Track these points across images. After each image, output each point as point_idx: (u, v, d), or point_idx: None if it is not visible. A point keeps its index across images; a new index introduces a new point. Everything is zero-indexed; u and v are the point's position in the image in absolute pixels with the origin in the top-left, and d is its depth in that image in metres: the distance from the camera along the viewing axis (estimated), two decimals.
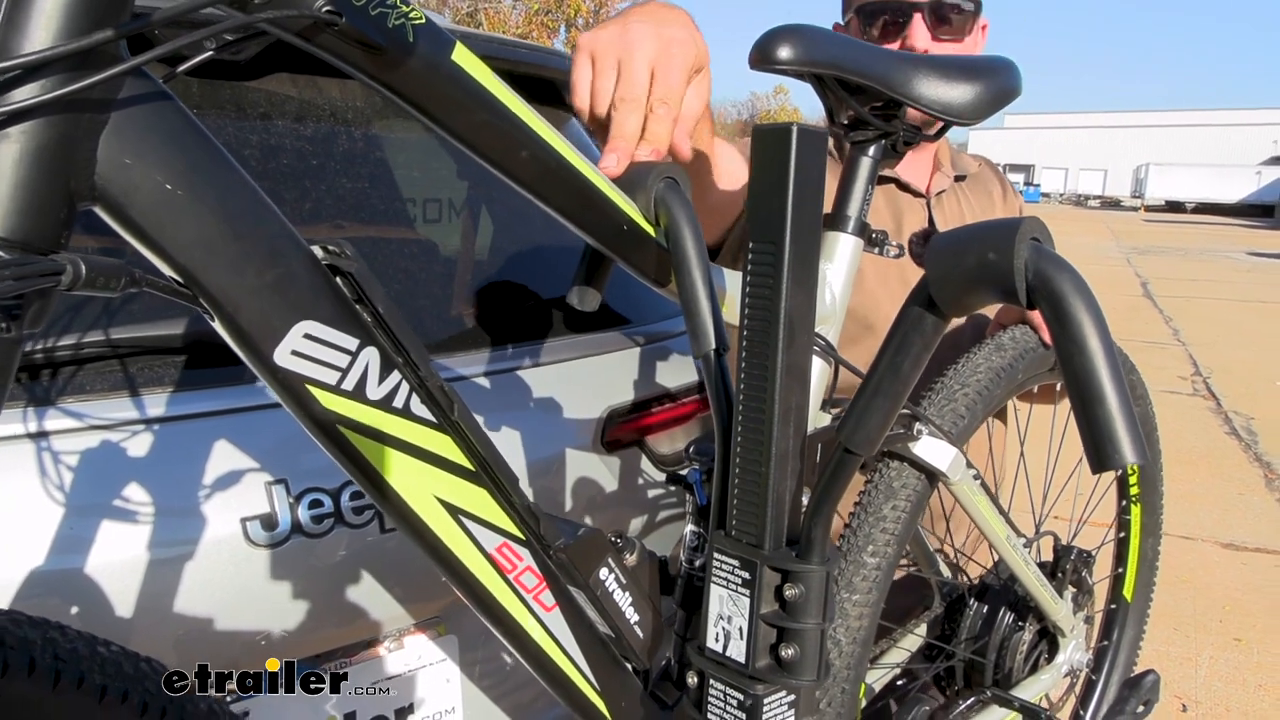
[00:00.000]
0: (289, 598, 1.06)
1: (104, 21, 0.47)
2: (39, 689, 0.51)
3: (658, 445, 1.44)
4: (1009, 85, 0.98)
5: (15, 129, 0.46)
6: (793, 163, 0.62)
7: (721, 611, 0.68)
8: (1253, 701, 2.70)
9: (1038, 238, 0.56)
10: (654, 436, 1.44)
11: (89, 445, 0.99)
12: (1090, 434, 0.51)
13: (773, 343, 0.63)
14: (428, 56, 0.59)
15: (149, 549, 0.97)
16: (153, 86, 0.51)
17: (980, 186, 1.57)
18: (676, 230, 0.73)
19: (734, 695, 0.67)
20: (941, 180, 1.49)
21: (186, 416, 1.05)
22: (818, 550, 0.65)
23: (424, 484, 0.65)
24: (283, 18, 0.53)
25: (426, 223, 1.57)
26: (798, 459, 0.65)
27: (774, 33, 0.87)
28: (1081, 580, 1.23)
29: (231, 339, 0.57)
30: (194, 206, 0.52)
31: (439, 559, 0.68)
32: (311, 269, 0.58)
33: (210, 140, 0.54)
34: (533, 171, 0.67)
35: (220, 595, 1.01)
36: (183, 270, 0.53)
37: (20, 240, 0.46)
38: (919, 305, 0.61)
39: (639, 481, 1.45)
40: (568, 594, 0.75)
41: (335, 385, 0.60)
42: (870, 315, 1.37)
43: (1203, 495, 4.37)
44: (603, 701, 0.79)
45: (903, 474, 0.96)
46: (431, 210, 1.59)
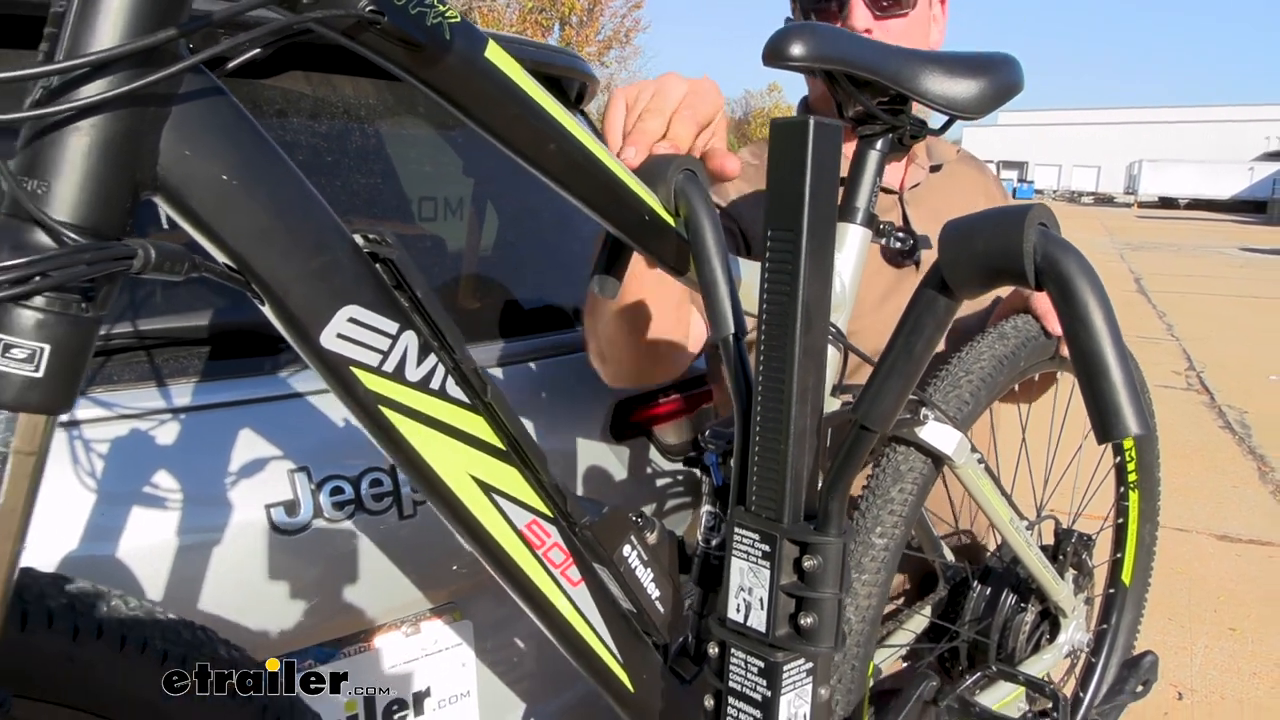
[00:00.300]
0: (310, 582, 1.09)
1: (166, 21, 0.50)
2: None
3: (664, 435, 1.47)
4: (1012, 80, 1.01)
5: (85, 122, 0.49)
6: (810, 155, 0.65)
7: (742, 583, 0.71)
8: (1247, 689, 2.74)
9: (1045, 223, 0.59)
10: (661, 426, 1.47)
11: (119, 434, 1.01)
12: (1095, 406, 0.54)
13: (791, 326, 0.66)
14: (463, 53, 0.62)
15: (178, 534, 1.00)
16: (210, 82, 0.54)
17: (958, 176, 1.51)
18: (696, 220, 0.76)
19: (755, 663, 0.70)
20: (916, 173, 1.44)
21: (212, 406, 1.08)
22: (835, 523, 0.68)
23: (459, 462, 0.68)
24: (330, 17, 0.56)
25: (438, 217, 1.60)
26: (814, 437, 0.68)
27: (787, 31, 0.90)
28: (1082, 563, 1.27)
29: (280, 323, 0.60)
30: (248, 197, 0.55)
31: (472, 534, 0.71)
32: (354, 256, 0.61)
33: (262, 134, 0.57)
34: (560, 164, 0.70)
35: (245, 579, 1.04)
36: (237, 257, 0.56)
37: (90, 227, 0.49)
38: (932, 288, 0.64)
39: (647, 471, 1.48)
40: (592, 570, 0.78)
41: (377, 367, 0.63)
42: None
43: (1197, 488, 4.41)
44: (625, 674, 0.82)
45: (910, 458, 0.99)
46: (443, 205, 1.62)
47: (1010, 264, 0.59)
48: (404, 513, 1.14)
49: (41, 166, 0.48)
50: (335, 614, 1.12)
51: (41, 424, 0.48)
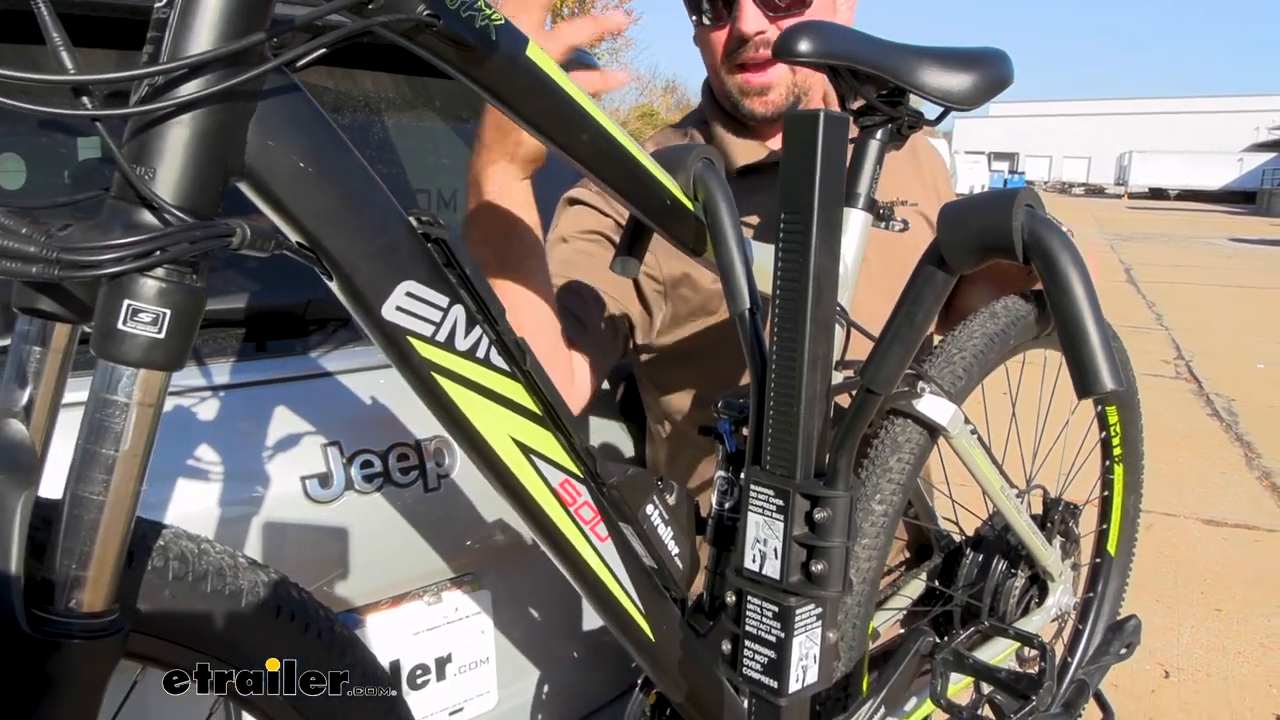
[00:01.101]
0: (342, 550, 1.15)
1: (253, 26, 0.56)
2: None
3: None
4: (1003, 74, 1.08)
5: (185, 116, 0.55)
6: (820, 144, 0.72)
7: (758, 535, 0.78)
8: (1232, 668, 2.82)
9: (1031, 204, 0.66)
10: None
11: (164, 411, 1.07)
12: (1075, 365, 0.61)
13: (803, 299, 0.73)
14: (508, 52, 0.69)
15: (220, 505, 1.06)
16: (288, 80, 0.61)
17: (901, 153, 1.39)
18: (714, 205, 0.83)
19: (770, 607, 0.77)
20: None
21: (250, 384, 1.14)
22: (842, 479, 0.75)
23: (501, 425, 0.75)
24: (392, 21, 0.62)
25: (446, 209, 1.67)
26: (824, 402, 0.75)
27: (795, 28, 0.97)
28: (1069, 530, 1.34)
29: (346, 297, 0.66)
30: (321, 182, 0.62)
31: (511, 491, 0.78)
32: (411, 236, 0.68)
33: (332, 126, 0.63)
34: (590, 152, 0.77)
35: (280, 547, 1.10)
36: (310, 236, 0.62)
37: (190, 208, 0.55)
38: (931, 264, 0.71)
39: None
40: (618, 528, 0.85)
41: (430, 337, 0.69)
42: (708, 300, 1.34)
43: (1186, 474, 4.49)
44: (647, 624, 0.89)
45: (907, 429, 1.06)
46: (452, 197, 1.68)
47: (1001, 241, 0.66)
48: (429, 486, 1.20)
49: (148, 155, 0.54)
50: (362, 581, 1.18)
51: (160, 380, 0.54)
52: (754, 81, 1.27)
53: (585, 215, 1.29)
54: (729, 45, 1.26)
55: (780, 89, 1.27)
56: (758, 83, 1.27)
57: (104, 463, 0.53)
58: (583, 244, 1.25)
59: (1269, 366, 6.87)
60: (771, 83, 1.27)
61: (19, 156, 1.26)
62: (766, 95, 1.27)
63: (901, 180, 1.38)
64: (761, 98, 1.28)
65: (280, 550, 1.10)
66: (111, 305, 0.52)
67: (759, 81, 1.26)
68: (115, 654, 0.58)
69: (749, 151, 1.33)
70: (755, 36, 1.23)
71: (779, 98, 1.28)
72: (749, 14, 1.22)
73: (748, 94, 1.28)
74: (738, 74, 1.27)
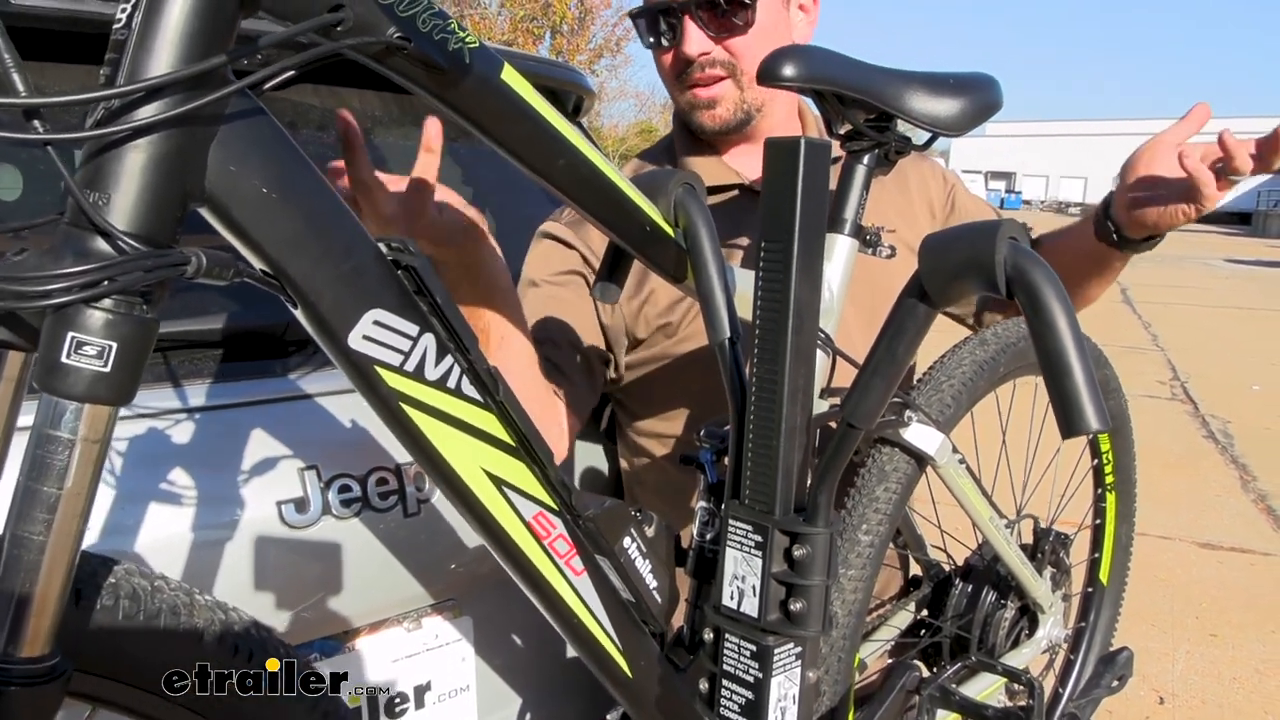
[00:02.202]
0: (317, 577, 1.13)
1: (214, 49, 0.55)
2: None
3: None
4: (991, 100, 1.07)
5: (142, 140, 0.53)
6: (801, 171, 0.70)
7: (736, 572, 0.76)
8: (1228, 694, 2.79)
9: (1015, 237, 0.65)
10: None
11: (136, 433, 1.05)
12: (1060, 403, 0.59)
13: (783, 329, 0.71)
14: (481, 76, 0.67)
15: (192, 530, 1.04)
16: (251, 103, 0.59)
17: (905, 171, 1.41)
18: (694, 231, 0.81)
19: (747, 646, 0.75)
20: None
21: (226, 406, 1.12)
22: (823, 515, 0.73)
23: (472, 456, 0.73)
24: (361, 43, 0.61)
25: None
26: (804, 434, 0.73)
27: (780, 52, 0.96)
28: (1059, 561, 1.32)
29: (311, 325, 0.64)
30: (285, 208, 0.60)
31: (483, 525, 0.76)
32: (379, 263, 0.66)
33: (297, 149, 0.62)
34: (568, 178, 0.75)
35: (256, 573, 1.08)
36: (273, 263, 0.61)
37: (146, 235, 0.53)
38: (913, 296, 0.69)
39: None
40: (595, 561, 0.83)
41: (399, 366, 0.67)
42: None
43: (1181, 496, 4.47)
44: (623, 659, 0.86)
45: (894, 458, 1.04)
46: None
47: (983, 274, 0.64)
48: (408, 511, 1.18)
49: (102, 180, 0.53)
50: (340, 608, 1.16)
51: (106, 415, 0.52)
52: (701, 95, 1.29)
53: (552, 253, 1.30)
54: (675, 67, 1.29)
55: (728, 104, 1.29)
56: (705, 96, 1.29)
57: (45, 501, 0.51)
58: (551, 288, 1.27)
59: (1265, 388, 6.87)
60: (717, 97, 1.28)
61: (16, 170, 1.25)
62: (714, 109, 1.29)
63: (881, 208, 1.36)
64: (709, 111, 1.29)
65: (254, 577, 1.08)
66: (55, 337, 0.50)
67: (706, 95, 1.28)
68: (56, 699, 0.55)
69: (713, 172, 1.33)
70: (699, 58, 1.25)
71: (726, 112, 1.29)
72: (692, 36, 1.24)
73: (697, 108, 1.30)
74: (688, 91, 1.30)
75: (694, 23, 1.23)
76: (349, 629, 1.19)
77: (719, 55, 1.25)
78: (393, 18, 0.62)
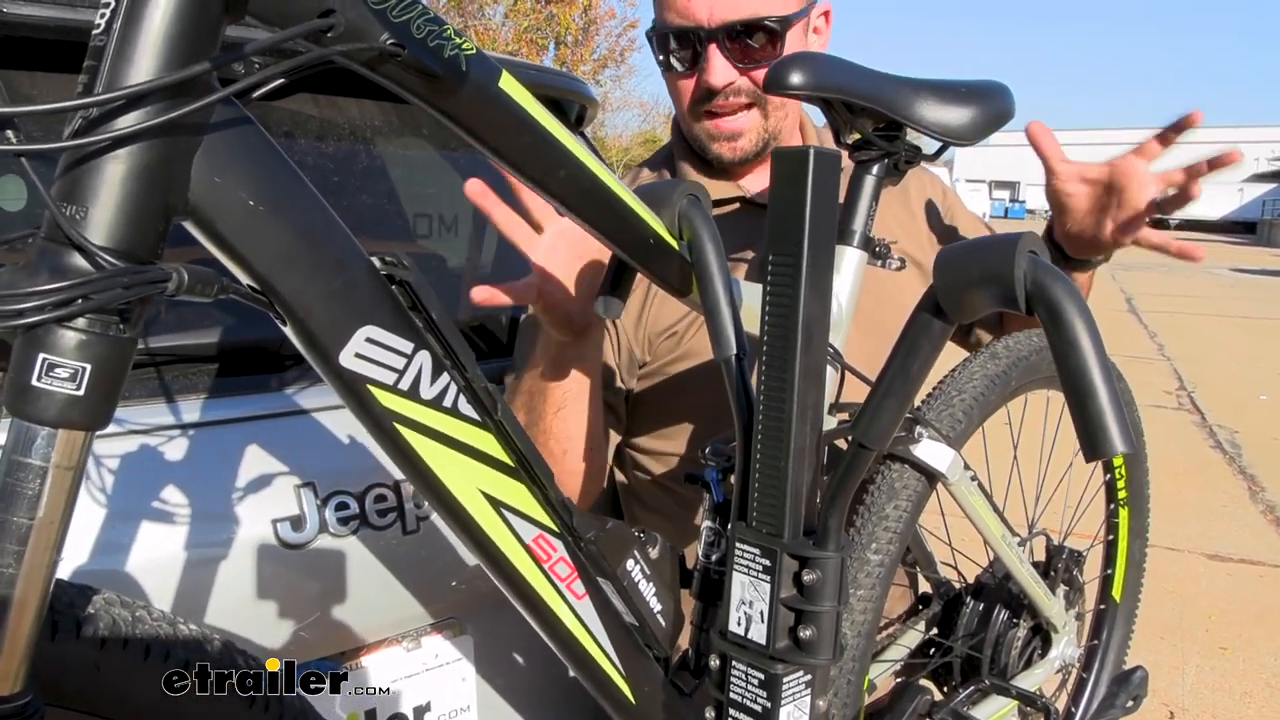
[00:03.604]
0: (314, 596, 1.10)
1: (198, 55, 0.52)
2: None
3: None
4: (1003, 108, 1.04)
5: (122, 151, 0.51)
6: (810, 182, 0.68)
7: (743, 597, 0.73)
8: (1239, 709, 2.76)
9: (1035, 250, 0.62)
10: None
11: (129, 449, 1.03)
12: (1084, 425, 0.56)
13: (791, 346, 0.68)
14: (479, 84, 0.65)
15: (186, 549, 1.02)
16: (238, 112, 0.57)
17: (907, 185, 1.38)
18: (699, 243, 0.78)
19: (755, 674, 0.72)
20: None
21: (220, 422, 1.10)
22: (833, 538, 0.70)
23: (469, 477, 0.70)
24: (353, 50, 0.58)
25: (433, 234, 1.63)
26: (814, 454, 0.70)
27: (787, 60, 0.93)
28: (1073, 579, 1.29)
29: (301, 343, 0.62)
30: (273, 221, 0.58)
31: (480, 548, 0.73)
32: (372, 278, 0.64)
33: (286, 160, 0.59)
34: (569, 189, 0.73)
35: (251, 593, 1.06)
36: (261, 279, 0.58)
37: (126, 250, 0.51)
38: (927, 312, 0.67)
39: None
40: (597, 584, 0.80)
41: (393, 385, 0.65)
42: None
43: (1189, 508, 4.43)
44: (627, 686, 0.84)
45: (904, 475, 1.01)
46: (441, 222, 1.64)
47: (1002, 290, 0.62)
48: (407, 528, 1.16)
49: (79, 193, 0.50)
50: (338, 627, 1.14)
51: (80, 440, 0.50)
52: (724, 128, 1.23)
53: None
54: (696, 94, 1.22)
55: (751, 135, 1.23)
56: (728, 129, 1.23)
57: (16, 532, 0.49)
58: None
59: (1272, 398, 6.82)
60: (742, 129, 1.23)
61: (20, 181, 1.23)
62: (736, 141, 1.23)
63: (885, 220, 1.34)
64: (730, 143, 1.24)
65: (250, 597, 1.05)
66: (26, 358, 0.47)
67: (730, 128, 1.22)
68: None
69: (712, 185, 1.27)
70: (724, 88, 1.19)
71: (749, 144, 1.24)
72: (717, 66, 1.17)
73: (716, 139, 1.24)
74: (706, 120, 1.23)
75: (720, 52, 1.17)
76: (346, 649, 1.16)
77: (743, 85, 1.19)
78: (386, 23, 0.59)
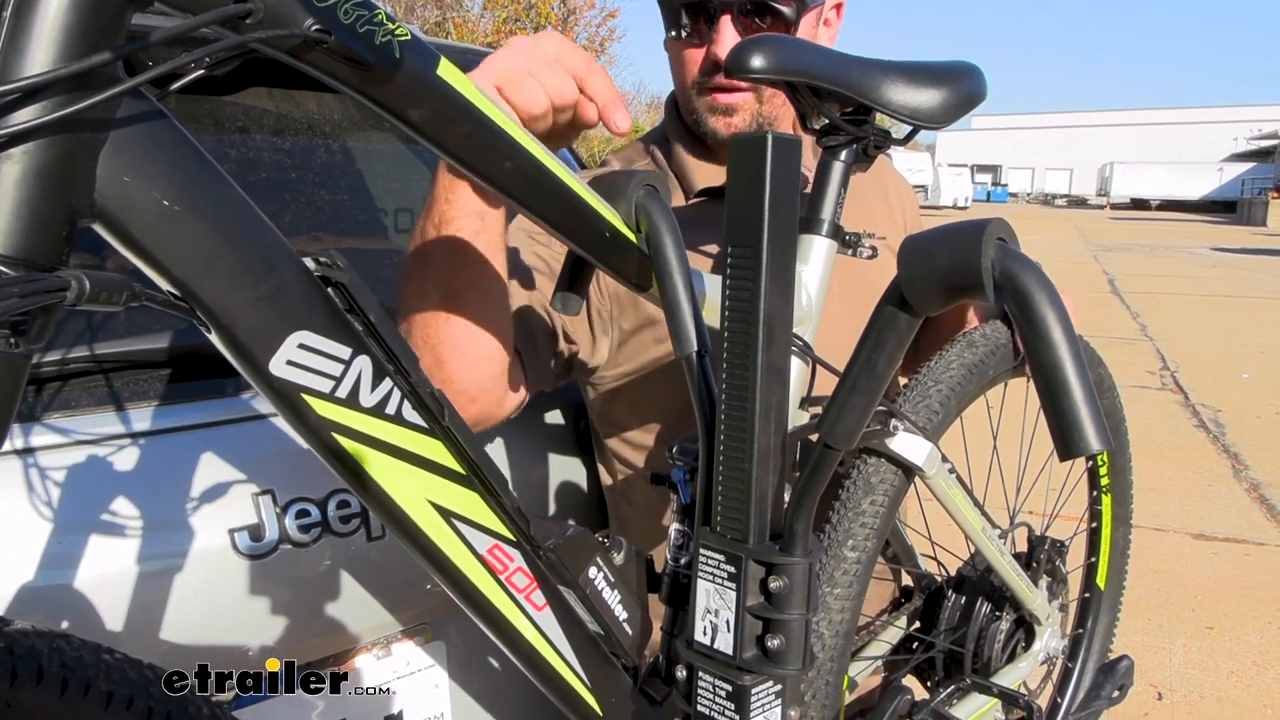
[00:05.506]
0: (277, 607, 1.07)
1: (101, 44, 0.48)
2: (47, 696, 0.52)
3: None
4: (974, 90, 1.01)
5: (17, 150, 0.47)
6: (768, 170, 0.64)
7: (709, 605, 0.70)
8: (1226, 687, 2.76)
9: (1004, 238, 0.59)
10: None
11: (76, 460, 0.99)
12: (1057, 423, 0.53)
13: (753, 343, 0.65)
14: (414, 72, 0.61)
15: (138, 562, 0.98)
16: (149, 105, 0.53)
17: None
18: (657, 236, 0.75)
19: (722, 686, 0.69)
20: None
21: (173, 430, 1.06)
22: (800, 543, 0.67)
23: (416, 488, 0.67)
24: (274, 37, 0.54)
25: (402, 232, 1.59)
26: (779, 455, 0.67)
27: (748, 43, 0.89)
28: (1055, 569, 1.27)
29: (228, 351, 0.58)
30: (191, 222, 0.54)
31: (432, 562, 0.70)
32: (304, 280, 0.60)
33: (205, 156, 0.55)
34: (516, 181, 0.69)
35: (209, 606, 1.02)
36: (180, 284, 0.54)
37: (23, 258, 0.47)
38: (892, 305, 0.63)
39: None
40: (558, 593, 0.77)
41: (329, 393, 0.61)
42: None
43: (1173, 487, 4.45)
44: (594, 698, 0.80)
45: (880, 469, 0.98)
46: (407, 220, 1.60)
47: (969, 280, 0.59)
48: (372, 534, 1.12)
49: None
50: (304, 638, 1.10)
51: None
52: (722, 100, 1.21)
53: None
54: (704, 66, 1.20)
55: (745, 114, 1.22)
56: (725, 102, 1.21)
57: None
58: (540, 246, 1.16)
59: (1254, 376, 6.85)
60: (737, 104, 1.21)
61: None
62: (731, 116, 1.22)
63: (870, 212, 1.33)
64: (726, 118, 1.22)
65: (207, 611, 1.02)
66: None
67: (726, 101, 1.21)
68: None
69: (708, 175, 1.26)
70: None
71: (742, 123, 1.22)
72: (727, 38, 1.15)
73: (715, 112, 1.22)
74: (708, 94, 1.22)
75: (733, 25, 1.16)
76: (314, 660, 1.13)
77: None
78: (310, 9, 0.55)
